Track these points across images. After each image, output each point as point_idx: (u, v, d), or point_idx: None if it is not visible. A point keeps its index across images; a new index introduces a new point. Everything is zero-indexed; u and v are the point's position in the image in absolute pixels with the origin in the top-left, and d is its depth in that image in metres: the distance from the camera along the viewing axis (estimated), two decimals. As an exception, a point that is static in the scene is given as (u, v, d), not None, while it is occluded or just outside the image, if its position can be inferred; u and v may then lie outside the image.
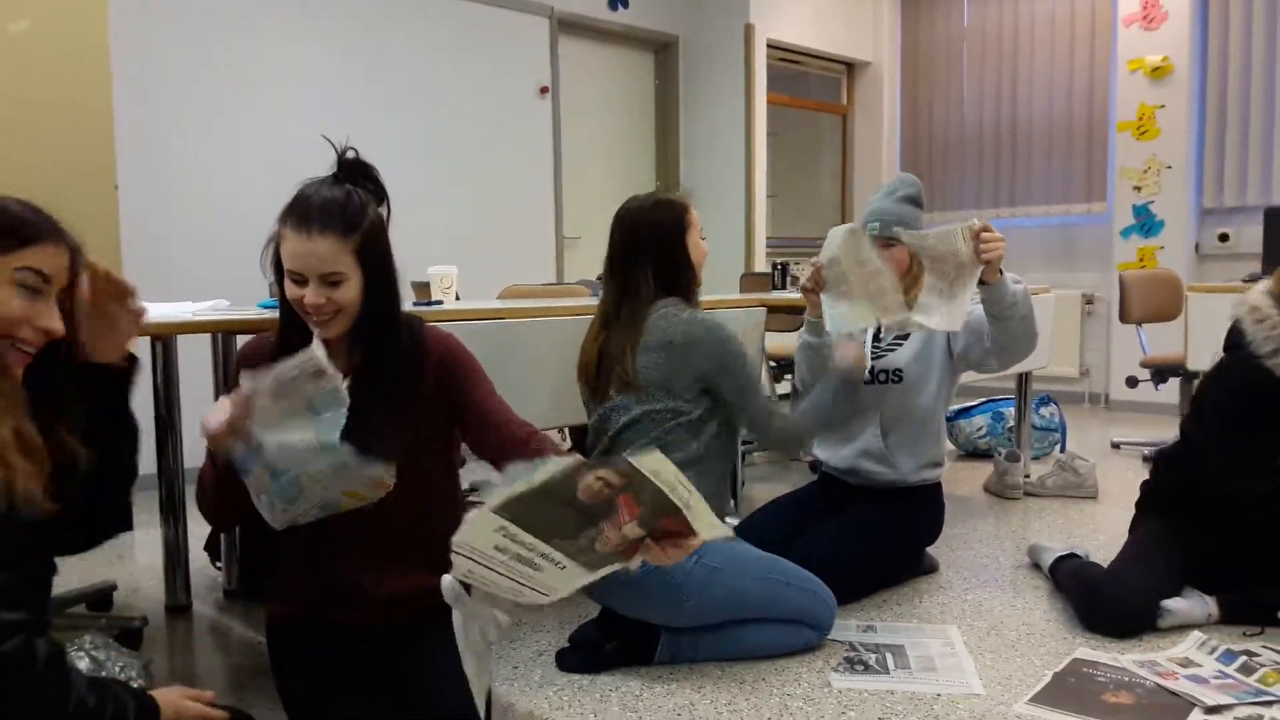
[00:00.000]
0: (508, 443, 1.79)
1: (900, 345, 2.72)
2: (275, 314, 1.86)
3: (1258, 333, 2.32)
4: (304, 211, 1.69)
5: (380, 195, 1.80)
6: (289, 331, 1.77)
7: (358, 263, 1.70)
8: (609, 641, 2.21)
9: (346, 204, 1.71)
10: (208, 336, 2.57)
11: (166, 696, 1.37)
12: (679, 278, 2.35)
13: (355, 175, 1.79)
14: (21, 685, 1.14)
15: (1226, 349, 2.47)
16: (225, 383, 2.58)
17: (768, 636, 2.25)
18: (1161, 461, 2.68)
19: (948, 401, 2.84)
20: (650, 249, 2.33)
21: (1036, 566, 2.88)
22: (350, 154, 1.80)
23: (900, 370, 2.70)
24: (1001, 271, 2.43)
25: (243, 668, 2.28)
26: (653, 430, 2.26)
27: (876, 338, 2.74)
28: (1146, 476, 2.73)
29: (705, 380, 2.28)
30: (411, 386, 1.80)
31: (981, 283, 2.39)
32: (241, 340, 2.57)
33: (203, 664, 2.35)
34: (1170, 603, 2.36)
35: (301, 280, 1.69)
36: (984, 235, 2.32)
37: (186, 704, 1.40)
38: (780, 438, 2.58)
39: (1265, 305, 2.34)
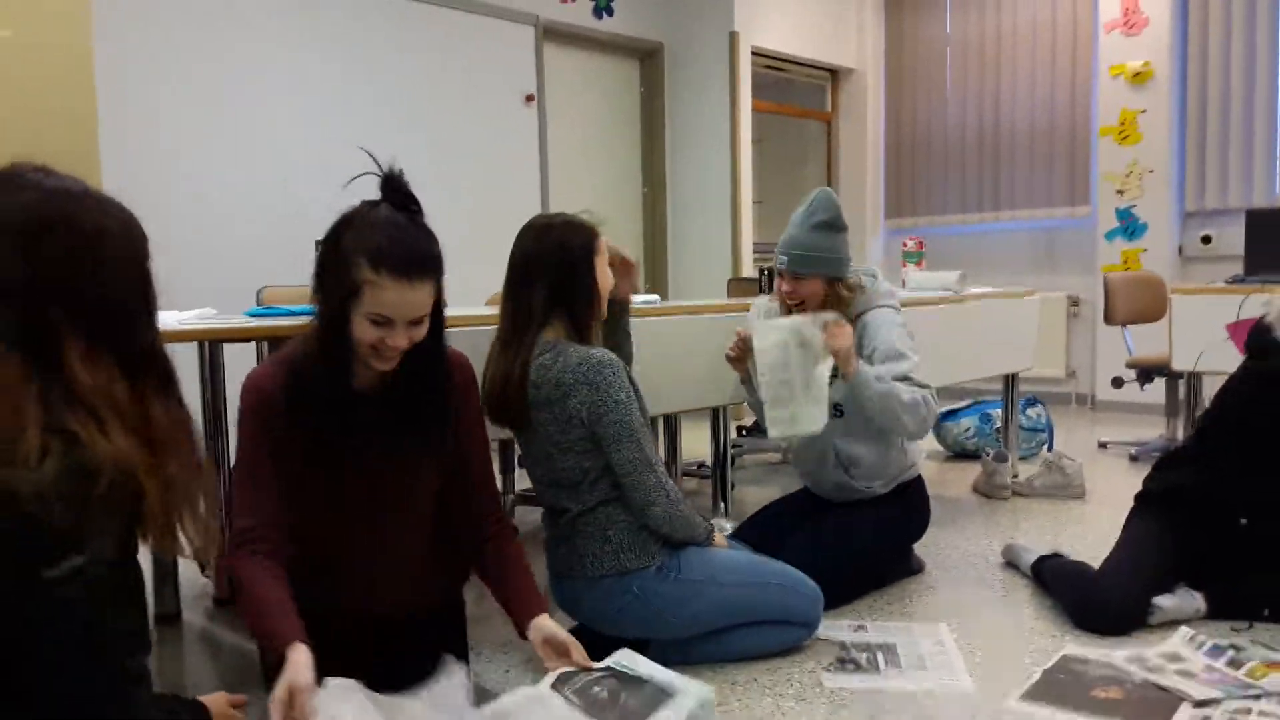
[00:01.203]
0: (479, 514, 1.97)
1: (834, 379, 2.56)
2: (261, 322, 1.86)
3: None
4: (407, 262, 1.66)
5: (421, 214, 1.79)
6: (330, 357, 1.74)
7: (434, 301, 1.73)
8: (599, 646, 2.20)
9: (434, 247, 1.72)
10: (194, 345, 2.56)
11: (216, 704, 1.39)
12: (575, 307, 2.11)
13: (406, 200, 1.75)
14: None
15: (1252, 354, 2.47)
16: (213, 397, 2.57)
17: (757, 637, 2.25)
18: (1169, 459, 2.67)
19: None
20: (549, 272, 2.10)
21: (1011, 566, 2.89)
22: (399, 171, 1.76)
23: (839, 405, 2.60)
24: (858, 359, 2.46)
25: (233, 675, 2.27)
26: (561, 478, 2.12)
27: None
28: (1146, 474, 2.70)
29: (586, 427, 2.06)
30: (444, 407, 1.87)
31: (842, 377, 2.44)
32: (229, 349, 2.59)
33: (193, 672, 2.34)
34: (1160, 600, 2.38)
35: (386, 323, 1.67)
36: (831, 329, 2.37)
37: (232, 711, 1.42)
38: (664, 516, 2.09)
39: None
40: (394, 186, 1.74)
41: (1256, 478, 2.40)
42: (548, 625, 1.87)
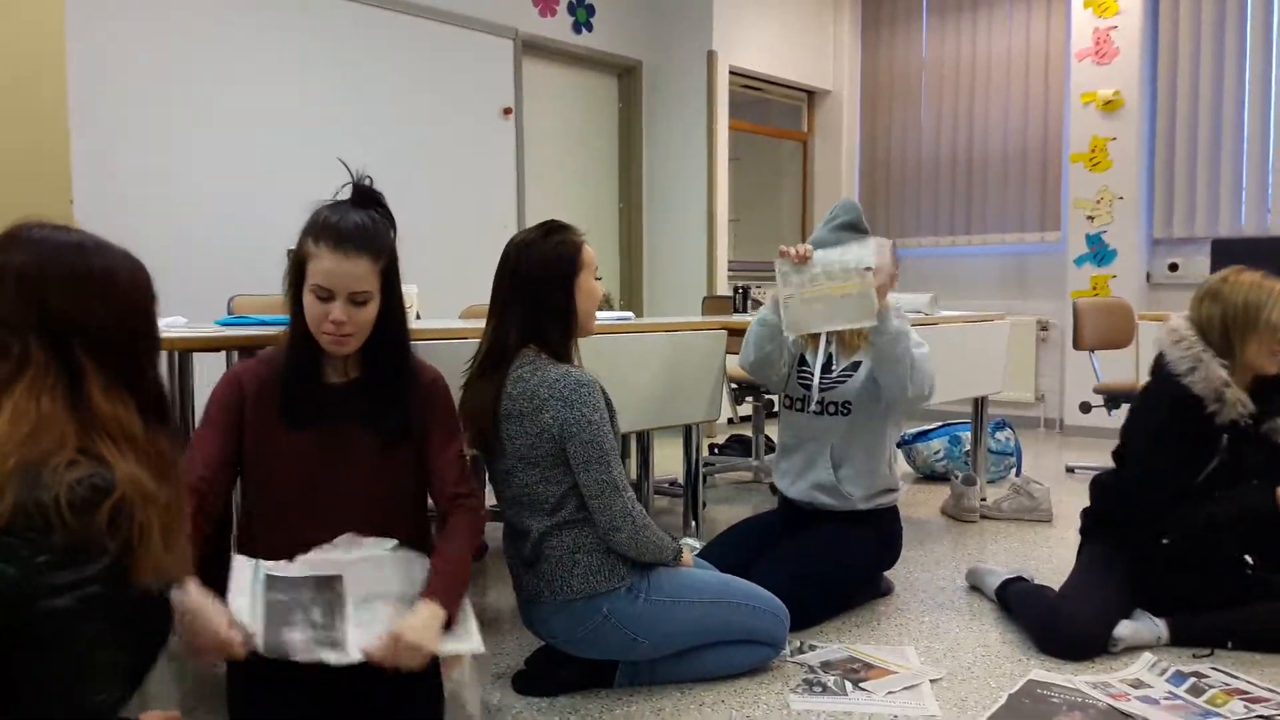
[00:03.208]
0: (437, 496, 1.96)
1: (849, 378, 2.73)
2: (231, 331, 1.87)
3: (1175, 353, 2.44)
4: (340, 232, 1.78)
5: (390, 222, 1.90)
6: (299, 348, 1.85)
7: (380, 285, 1.81)
8: (566, 665, 2.19)
9: (376, 228, 1.83)
10: (165, 354, 2.52)
11: None
12: (553, 325, 2.10)
13: (370, 202, 1.89)
14: None
15: (1151, 374, 2.55)
16: (182, 403, 2.54)
17: (725, 657, 2.24)
18: (1097, 488, 2.73)
19: (898, 430, 2.87)
20: (528, 290, 2.09)
21: (975, 589, 2.91)
22: (366, 181, 1.90)
23: (849, 402, 2.71)
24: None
25: (194, 688, 2.24)
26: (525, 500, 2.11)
27: (827, 369, 2.76)
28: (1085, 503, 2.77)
29: (556, 443, 2.04)
30: (403, 406, 1.91)
31: None
32: (199, 359, 2.56)
33: (154, 683, 2.30)
34: (1121, 628, 2.40)
35: (328, 297, 1.76)
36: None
37: None
38: (630, 542, 2.07)
39: (1183, 328, 2.47)
40: (360, 190, 1.89)
41: (1161, 495, 2.44)
42: (413, 622, 1.73)
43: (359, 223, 1.81)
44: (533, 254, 2.10)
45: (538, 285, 2.09)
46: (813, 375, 2.73)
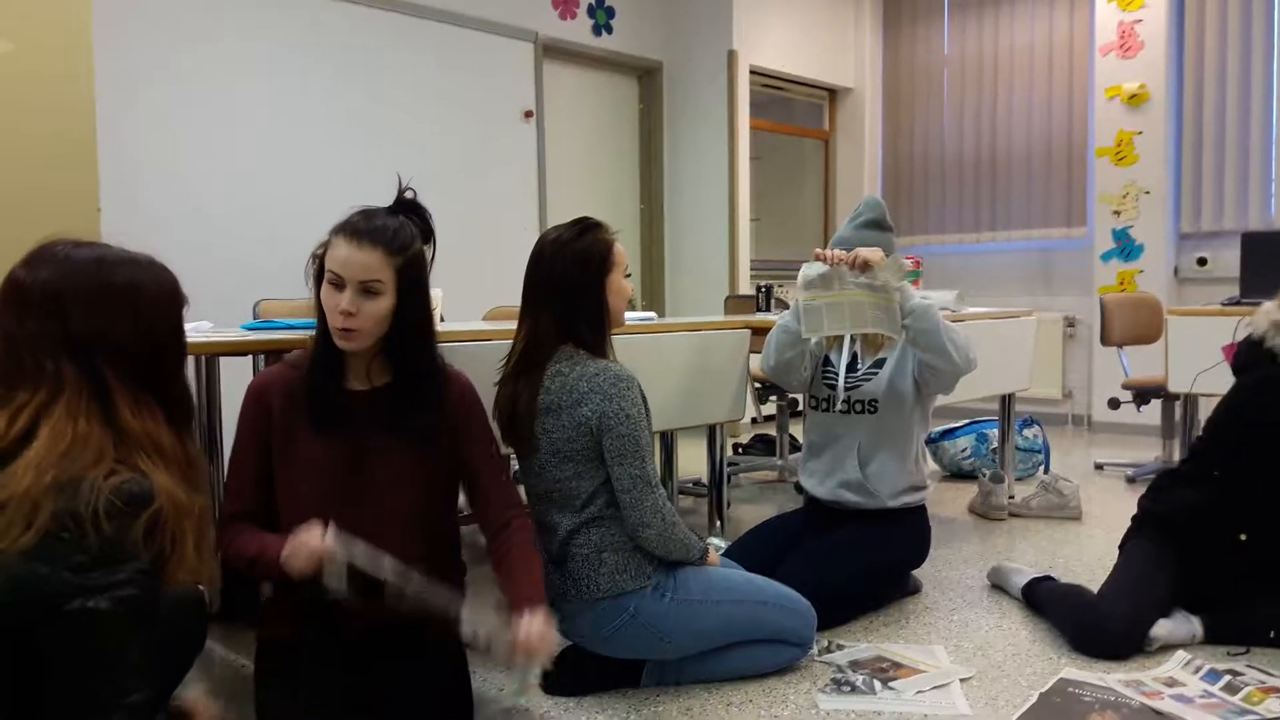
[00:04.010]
0: (490, 517, 1.98)
1: (874, 375, 2.72)
2: (257, 335, 1.89)
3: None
4: (358, 225, 1.82)
5: (428, 235, 1.93)
6: (323, 347, 1.86)
7: (395, 282, 1.81)
8: (593, 665, 2.19)
9: (399, 229, 1.85)
10: (191, 359, 2.54)
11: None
12: (587, 324, 2.11)
13: (409, 212, 1.92)
14: None
15: (1238, 370, 2.48)
16: (209, 407, 2.56)
17: (752, 657, 2.23)
18: (1165, 479, 2.67)
19: (925, 427, 2.85)
20: (561, 289, 2.10)
21: (998, 588, 2.88)
22: (409, 193, 1.94)
23: (876, 400, 2.70)
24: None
25: (222, 689, 2.25)
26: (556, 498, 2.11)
27: (852, 368, 2.75)
28: (1140, 496, 2.70)
29: (593, 436, 2.05)
30: (433, 414, 1.90)
31: None
32: (225, 363, 2.59)
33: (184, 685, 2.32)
34: (1157, 627, 2.36)
35: (340, 284, 1.79)
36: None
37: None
38: (658, 539, 2.08)
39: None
40: (400, 199, 1.94)
41: (1253, 490, 2.39)
42: (533, 622, 1.80)
43: (382, 221, 1.84)
44: (565, 252, 2.11)
45: (570, 284, 2.10)
46: (838, 374, 2.72)
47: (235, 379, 2.26)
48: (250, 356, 2.52)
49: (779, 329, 2.72)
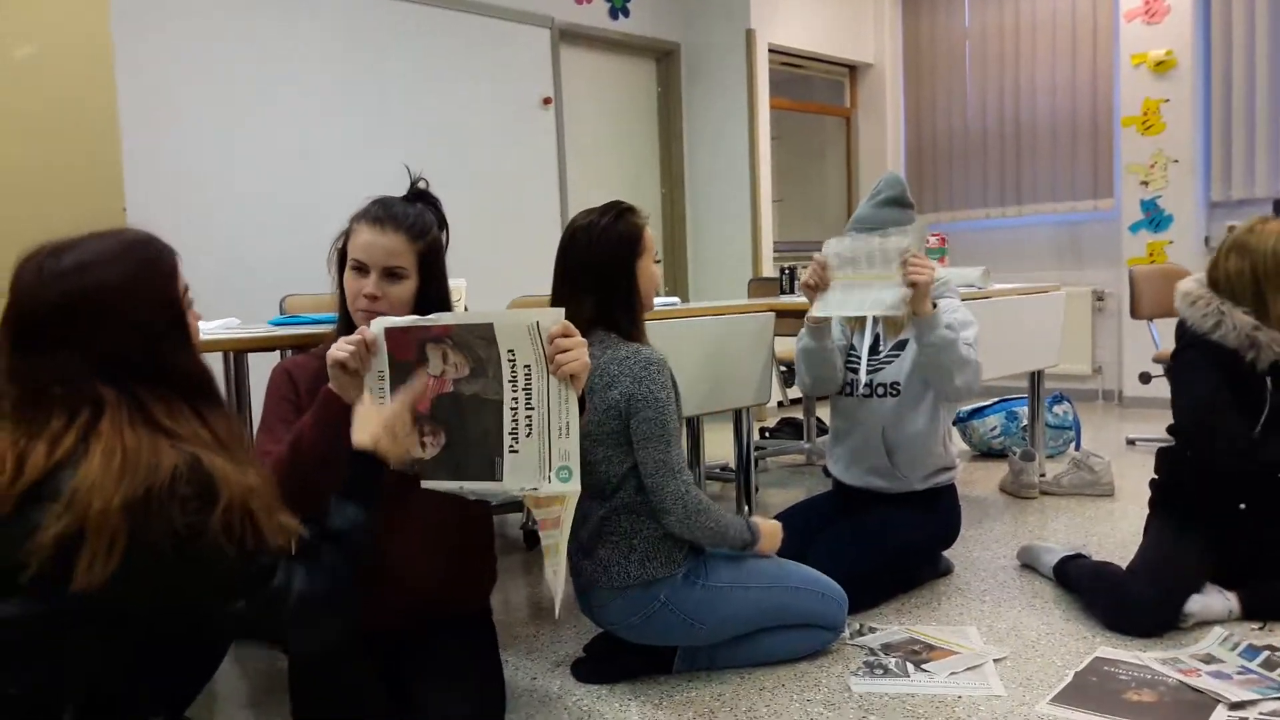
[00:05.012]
0: None
1: (896, 357, 2.70)
2: (284, 330, 1.89)
3: (1193, 314, 2.39)
4: (380, 211, 1.85)
5: (442, 223, 1.95)
6: (345, 333, 1.84)
7: (418, 267, 1.84)
8: (625, 651, 2.20)
9: (419, 215, 1.89)
10: (219, 355, 2.57)
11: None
12: (621, 308, 2.12)
13: (422, 202, 1.96)
14: None
15: (1177, 343, 2.49)
16: (238, 407, 2.59)
17: (784, 642, 2.24)
18: (1164, 458, 2.66)
19: (952, 407, 2.84)
20: (594, 273, 2.11)
21: (1028, 568, 2.86)
22: (422, 183, 1.98)
23: (898, 383, 2.69)
24: (936, 304, 2.54)
25: (259, 682, 2.28)
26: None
27: (874, 350, 2.73)
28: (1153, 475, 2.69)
29: (623, 419, 2.06)
30: None
31: (914, 315, 2.54)
32: (253, 359, 2.61)
33: (220, 681, 2.35)
34: (1191, 603, 2.34)
35: (364, 270, 1.81)
36: (911, 260, 2.46)
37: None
38: (680, 525, 2.06)
39: (1195, 289, 2.42)
40: (415, 189, 1.97)
41: (1237, 459, 2.36)
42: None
43: (402, 209, 1.87)
44: (599, 236, 2.12)
45: (604, 268, 2.11)
46: (860, 359, 2.70)
47: (263, 374, 2.27)
48: (278, 352, 2.54)
49: (801, 350, 2.75)
